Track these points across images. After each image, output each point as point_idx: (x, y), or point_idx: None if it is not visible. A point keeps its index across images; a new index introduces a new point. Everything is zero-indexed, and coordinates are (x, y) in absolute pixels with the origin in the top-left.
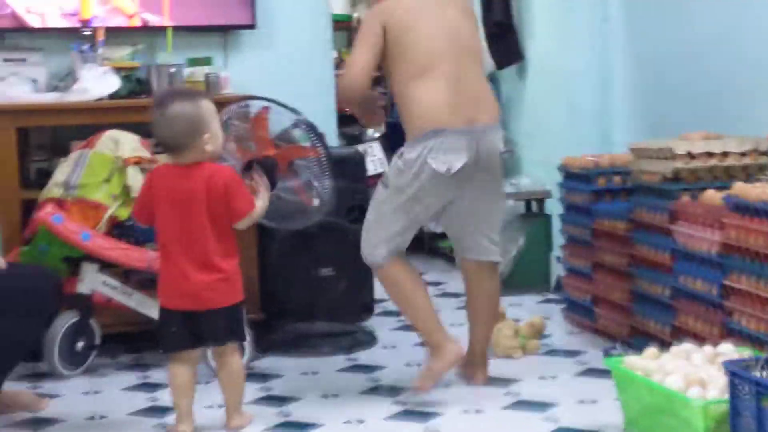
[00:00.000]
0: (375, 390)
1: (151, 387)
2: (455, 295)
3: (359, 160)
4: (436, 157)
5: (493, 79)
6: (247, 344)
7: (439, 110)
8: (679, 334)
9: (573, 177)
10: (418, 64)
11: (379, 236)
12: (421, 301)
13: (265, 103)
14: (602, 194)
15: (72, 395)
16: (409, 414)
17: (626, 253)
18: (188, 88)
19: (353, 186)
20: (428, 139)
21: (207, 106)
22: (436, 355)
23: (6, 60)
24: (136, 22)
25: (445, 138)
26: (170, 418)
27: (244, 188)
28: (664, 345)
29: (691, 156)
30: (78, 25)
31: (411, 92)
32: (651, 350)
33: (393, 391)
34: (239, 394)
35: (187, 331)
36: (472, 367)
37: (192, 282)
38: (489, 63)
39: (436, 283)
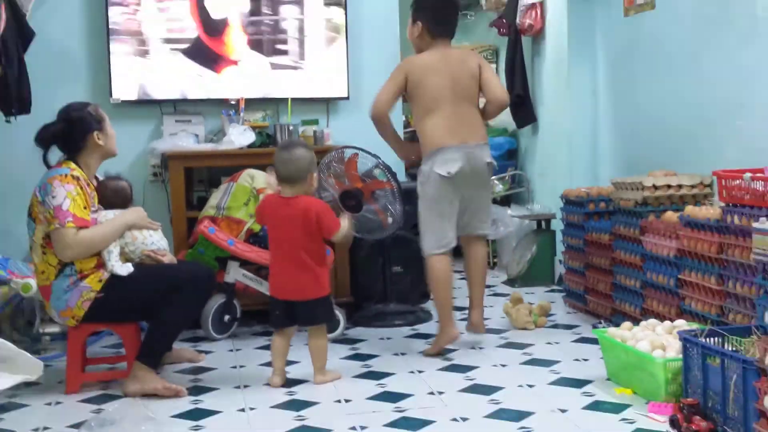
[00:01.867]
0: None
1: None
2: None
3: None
4: (439, 166)
5: (514, 135)
6: (342, 319)
7: (440, 135)
8: (647, 313)
9: (571, 203)
10: (426, 106)
11: (428, 236)
12: (443, 294)
13: (355, 151)
14: (592, 215)
15: (220, 352)
16: (455, 367)
17: (609, 256)
18: (303, 141)
19: (415, 209)
20: (434, 155)
21: (314, 157)
22: (440, 333)
23: (177, 121)
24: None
25: (444, 153)
26: (289, 368)
27: (332, 214)
28: (636, 321)
29: (655, 187)
30: (227, 96)
31: (423, 125)
32: (626, 324)
33: (444, 350)
34: (322, 360)
35: (286, 315)
36: (473, 316)
37: (291, 279)
38: (510, 123)
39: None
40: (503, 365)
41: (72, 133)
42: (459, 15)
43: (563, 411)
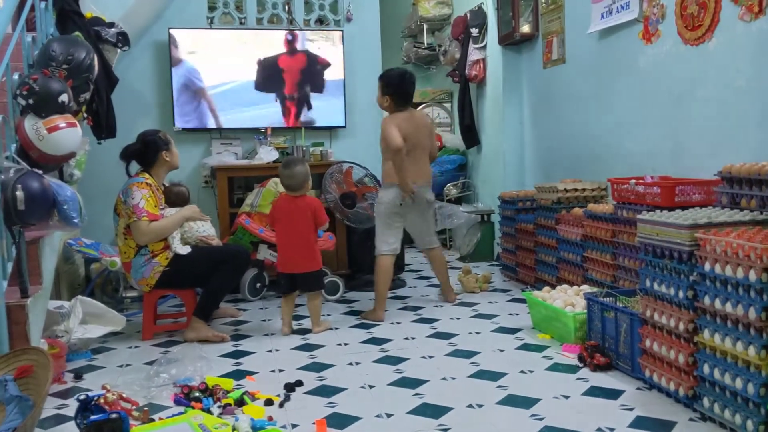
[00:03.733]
0: (405, 307)
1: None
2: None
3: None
4: (392, 196)
5: (464, 153)
6: (341, 285)
7: (408, 172)
8: (561, 280)
9: (505, 202)
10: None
11: (379, 241)
12: (382, 285)
13: (351, 164)
14: (521, 210)
15: (253, 310)
16: (423, 319)
17: (533, 240)
18: (299, 157)
19: None
20: (390, 186)
21: (308, 169)
22: (371, 311)
23: (222, 143)
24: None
25: (396, 188)
26: (299, 322)
27: (324, 211)
28: (553, 286)
29: (566, 190)
30: (258, 126)
31: (387, 164)
32: (546, 288)
33: (415, 308)
34: (317, 315)
35: (289, 283)
36: (445, 293)
37: (295, 257)
38: (461, 145)
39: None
40: (458, 318)
41: (146, 152)
42: (414, 89)
43: (501, 350)
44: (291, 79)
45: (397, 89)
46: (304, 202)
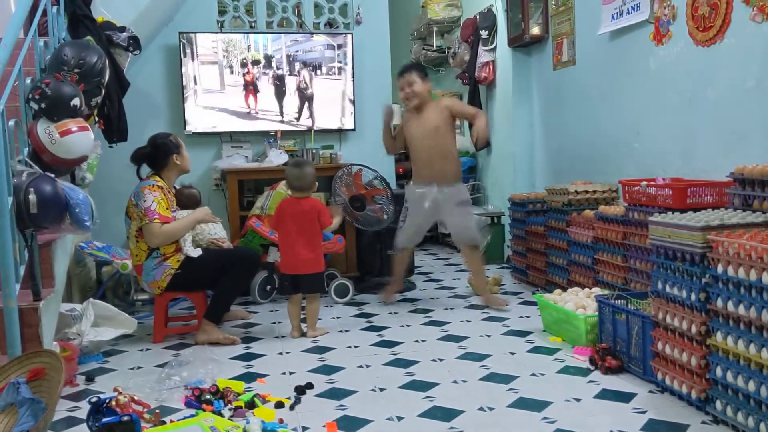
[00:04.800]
0: (415, 310)
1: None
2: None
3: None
4: (414, 193)
5: (474, 156)
6: (351, 287)
7: (417, 169)
8: (571, 283)
9: (516, 204)
10: (409, 144)
11: (402, 234)
12: (398, 271)
13: (360, 167)
14: (531, 213)
15: (264, 312)
16: (434, 322)
17: (543, 242)
18: (306, 159)
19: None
20: (415, 186)
21: (314, 171)
22: (387, 291)
23: (232, 146)
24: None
25: (420, 187)
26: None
27: (327, 213)
28: (564, 288)
29: (577, 192)
30: (268, 129)
31: (411, 159)
32: (557, 291)
33: (425, 310)
34: (315, 319)
35: (292, 285)
36: (480, 294)
37: (299, 259)
38: (471, 147)
39: (445, 259)
40: (468, 321)
41: (157, 155)
42: None
43: (512, 353)
44: (300, 82)
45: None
46: (309, 204)
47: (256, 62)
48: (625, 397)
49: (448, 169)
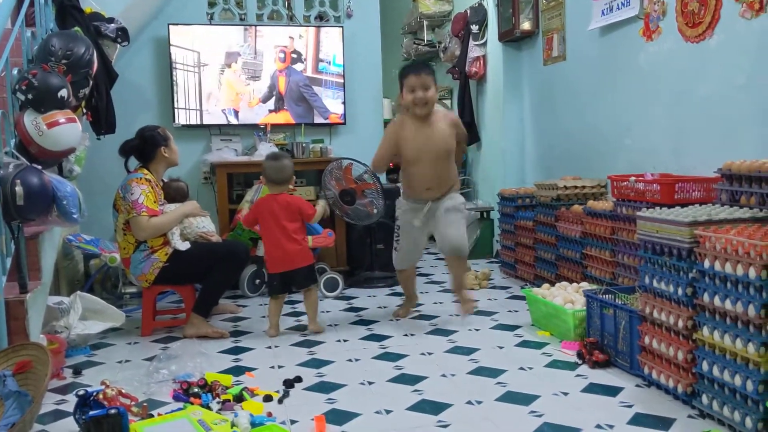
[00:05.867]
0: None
1: (293, 303)
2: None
3: (397, 190)
4: (407, 211)
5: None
6: (340, 282)
7: (414, 188)
8: (560, 278)
9: (505, 199)
10: (408, 159)
11: (398, 255)
12: (408, 288)
13: (350, 161)
14: (520, 208)
15: (253, 306)
16: (422, 316)
17: (532, 237)
18: (285, 153)
19: (393, 204)
20: (408, 203)
21: (293, 164)
22: (402, 307)
23: (222, 140)
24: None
25: (412, 202)
26: (299, 318)
27: (307, 204)
28: (552, 283)
29: (566, 188)
30: (258, 122)
31: (405, 173)
32: (545, 285)
33: (415, 304)
34: (315, 312)
35: (282, 284)
36: (455, 293)
37: (286, 254)
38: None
39: (435, 253)
40: (457, 315)
41: (145, 148)
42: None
43: (501, 347)
44: (290, 75)
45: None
46: (286, 200)
47: (245, 54)
48: (612, 391)
49: (449, 188)
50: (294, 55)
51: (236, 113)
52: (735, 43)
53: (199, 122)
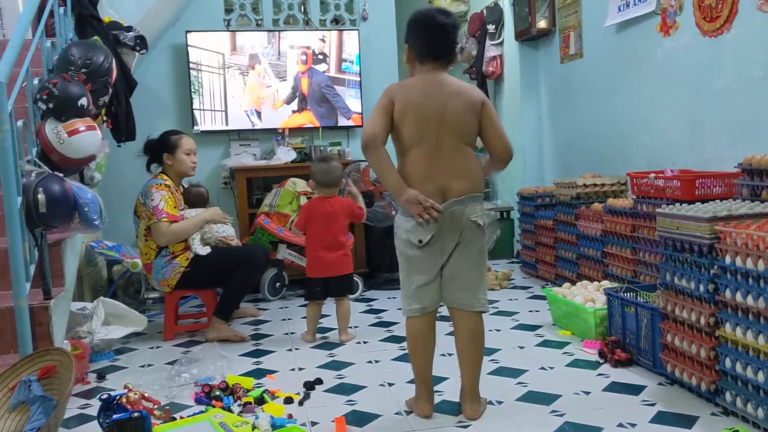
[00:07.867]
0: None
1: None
2: None
3: None
4: (410, 232)
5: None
6: (360, 284)
7: (414, 181)
8: (581, 276)
9: (524, 198)
10: (407, 142)
11: (402, 293)
12: (416, 363)
13: (368, 164)
14: (540, 207)
15: (273, 309)
16: (442, 317)
17: (552, 236)
18: (329, 155)
19: None
20: (407, 219)
21: (341, 166)
22: (414, 401)
23: (241, 144)
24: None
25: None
26: (319, 321)
27: (360, 208)
28: (573, 282)
29: (585, 186)
30: (276, 126)
31: (401, 164)
32: (566, 284)
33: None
34: (347, 322)
35: (322, 290)
36: (463, 402)
37: (331, 261)
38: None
39: None
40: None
41: (153, 151)
42: (451, 36)
43: (521, 347)
44: (312, 76)
45: (418, 33)
46: (338, 203)
47: (269, 56)
48: (635, 389)
49: (469, 188)
50: (320, 56)
51: (259, 114)
52: (753, 36)
53: (222, 123)
